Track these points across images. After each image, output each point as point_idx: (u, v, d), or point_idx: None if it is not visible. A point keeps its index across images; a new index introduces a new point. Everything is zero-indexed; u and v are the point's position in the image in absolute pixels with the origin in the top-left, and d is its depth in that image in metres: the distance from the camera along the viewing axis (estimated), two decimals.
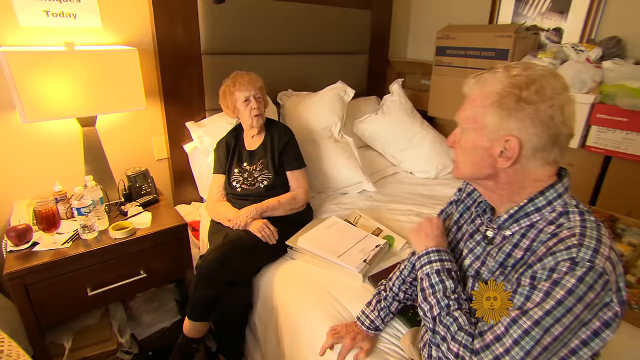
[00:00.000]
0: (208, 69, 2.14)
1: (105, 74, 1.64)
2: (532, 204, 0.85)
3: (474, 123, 0.85)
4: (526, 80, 0.79)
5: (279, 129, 1.91)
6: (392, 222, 1.90)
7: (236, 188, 1.84)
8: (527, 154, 0.82)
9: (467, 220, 1.04)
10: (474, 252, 0.96)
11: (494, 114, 0.82)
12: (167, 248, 1.71)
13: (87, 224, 1.57)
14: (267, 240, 1.64)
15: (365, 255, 1.56)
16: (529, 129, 0.79)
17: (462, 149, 0.90)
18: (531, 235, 0.84)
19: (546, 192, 0.84)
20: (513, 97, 0.79)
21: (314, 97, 2.35)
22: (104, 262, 1.56)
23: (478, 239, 0.97)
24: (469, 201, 1.07)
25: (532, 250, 0.83)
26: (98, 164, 1.82)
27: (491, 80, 0.83)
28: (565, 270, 0.74)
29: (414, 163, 2.50)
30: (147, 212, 1.78)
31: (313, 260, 1.59)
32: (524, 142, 0.80)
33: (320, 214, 2.00)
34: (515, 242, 0.87)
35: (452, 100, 2.53)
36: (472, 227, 1.00)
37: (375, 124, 2.50)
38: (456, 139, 0.92)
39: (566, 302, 0.73)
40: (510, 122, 0.80)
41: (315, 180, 2.19)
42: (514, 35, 2.17)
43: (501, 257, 0.88)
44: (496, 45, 2.24)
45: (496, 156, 0.84)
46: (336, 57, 2.66)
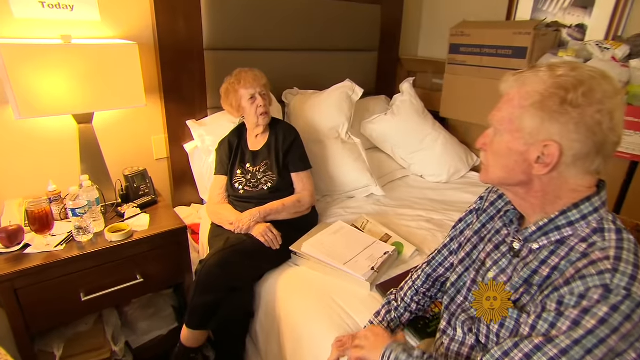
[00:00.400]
0: (210, 65, 2.14)
1: (104, 69, 1.63)
2: (565, 217, 0.82)
3: (510, 124, 0.82)
4: (573, 81, 0.76)
5: (283, 129, 1.91)
6: (401, 228, 1.89)
7: (238, 190, 1.84)
8: (566, 162, 0.79)
9: (490, 231, 1.01)
10: (499, 264, 0.93)
11: (533, 115, 0.79)
12: (166, 252, 1.71)
13: (82, 225, 1.56)
14: (270, 245, 1.64)
15: (373, 262, 1.55)
16: (571, 134, 0.76)
17: (493, 152, 0.87)
18: (561, 252, 0.81)
19: (581, 205, 0.81)
20: (557, 98, 0.76)
21: (321, 96, 2.34)
22: (99, 265, 1.56)
23: (504, 250, 0.94)
24: (492, 211, 1.04)
25: (559, 269, 0.80)
26: (94, 163, 1.82)
27: (533, 79, 0.80)
28: (597, 298, 0.70)
29: (425, 166, 2.50)
30: (144, 214, 1.78)
31: (318, 266, 1.59)
32: (564, 149, 0.77)
33: (325, 218, 2.00)
34: (543, 258, 0.84)
35: (465, 100, 2.52)
36: (498, 238, 0.97)
37: (385, 124, 2.50)
38: (487, 141, 0.89)
39: (598, 331, 0.69)
40: (552, 125, 0.77)
41: (321, 183, 2.19)
42: (533, 33, 2.14)
43: (526, 274, 0.86)
44: (513, 43, 2.22)
45: (532, 162, 0.81)
46: (344, 54, 2.65)
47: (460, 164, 2.49)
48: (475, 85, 2.43)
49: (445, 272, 1.18)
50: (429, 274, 1.20)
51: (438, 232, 1.85)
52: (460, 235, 1.13)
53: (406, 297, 1.22)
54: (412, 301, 1.21)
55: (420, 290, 1.21)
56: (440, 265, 1.19)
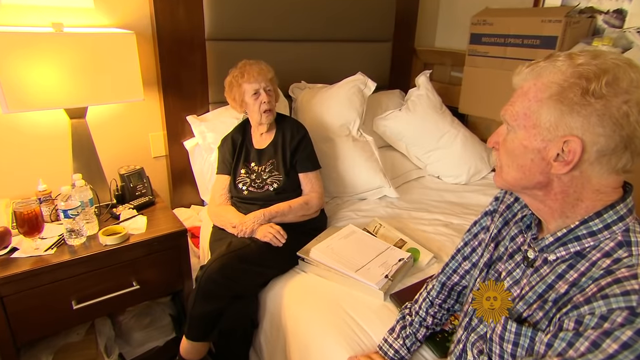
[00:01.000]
0: (212, 57, 2.14)
1: (98, 60, 1.63)
2: (585, 226, 0.79)
3: (525, 119, 0.80)
4: (595, 70, 0.73)
5: (291, 126, 1.91)
6: (417, 233, 1.88)
7: (242, 191, 1.84)
8: (589, 159, 0.76)
9: (505, 237, 0.99)
10: (513, 275, 0.91)
11: (551, 108, 0.76)
12: (164, 257, 1.70)
13: (75, 228, 1.55)
14: (275, 243, 1.64)
15: (386, 270, 1.54)
16: (595, 128, 0.73)
17: (507, 151, 0.84)
18: (581, 267, 0.78)
19: (604, 214, 0.78)
20: (578, 89, 0.73)
21: (330, 90, 2.34)
22: (92, 271, 1.55)
23: (518, 259, 0.92)
24: (508, 214, 1.02)
25: (579, 286, 0.77)
26: (88, 161, 1.82)
27: (550, 70, 0.77)
28: (621, 321, 0.67)
29: (442, 166, 2.49)
30: (141, 216, 1.78)
31: (327, 274, 1.58)
32: (587, 144, 0.74)
33: (335, 221, 2.00)
34: (560, 272, 0.81)
35: (487, 95, 2.50)
36: (513, 246, 0.95)
37: (399, 121, 2.49)
38: (500, 139, 0.86)
39: (620, 356, 0.66)
40: (572, 119, 0.74)
41: (331, 184, 2.19)
42: (564, 20, 2.10)
43: (541, 288, 0.83)
44: (542, 32, 2.18)
45: (550, 160, 0.78)
46: (356, 45, 2.64)
47: (481, 164, 2.47)
48: (498, 79, 2.41)
49: (460, 279, 1.16)
50: (443, 282, 1.19)
51: (457, 238, 1.83)
52: (473, 239, 1.11)
53: (421, 310, 1.20)
54: (428, 314, 1.19)
55: (435, 301, 1.19)
56: (455, 272, 1.17)
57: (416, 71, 2.89)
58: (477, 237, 1.09)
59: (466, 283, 1.15)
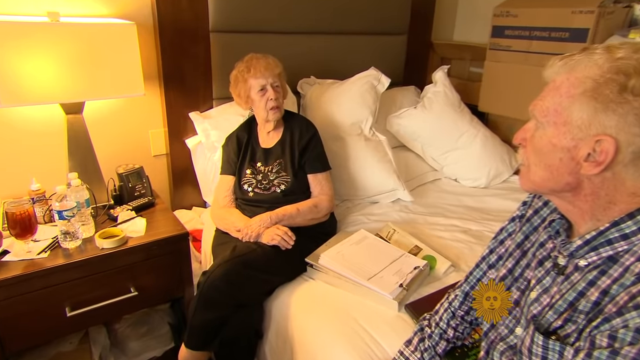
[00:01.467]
0: (217, 50, 2.14)
1: (96, 52, 1.63)
2: (617, 229, 0.77)
3: (556, 116, 0.78)
4: (636, 65, 0.71)
5: (300, 124, 1.91)
6: (433, 240, 1.88)
7: (248, 192, 1.84)
8: (624, 160, 0.74)
9: (534, 244, 0.98)
10: (542, 283, 0.90)
11: (584, 105, 0.75)
12: (163, 261, 1.71)
13: (70, 230, 1.55)
14: (283, 246, 1.65)
15: (401, 278, 1.54)
16: (632, 127, 0.72)
17: (534, 149, 0.83)
18: (614, 272, 0.77)
19: (637, 215, 0.76)
20: (615, 85, 0.72)
21: (341, 86, 2.34)
22: (87, 276, 1.55)
23: (548, 266, 0.91)
24: (536, 220, 1.00)
25: (610, 295, 0.75)
26: (84, 159, 1.82)
27: (585, 63, 0.76)
28: None
29: (460, 168, 2.48)
30: (140, 218, 1.78)
31: (337, 281, 1.58)
32: (622, 145, 0.73)
33: (345, 226, 2.00)
34: (592, 278, 0.79)
35: (509, 92, 2.48)
36: (543, 252, 0.94)
37: (414, 119, 2.48)
38: (527, 136, 0.85)
39: None
40: (607, 117, 0.73)
41: (341, 186, 2.18)
42: (597, 10, 2.07)
43: (571, 296, 0.81)
44: (572, 24, 2.16)
45: (581, 160, 0.77)
46: (368, 38, 2.64)
47: (502, 166, 2.46)
48: (522, 75, 2.40)
49: None
50: (466, 292, 1.17)
51: (476, 245, 1.82)
52: (499, 246, 1.10)
53: (442, 321, 1.18)
54: (449, 326, 1.17)
55: (457, 313, 1.18)
56: (479, 281, 1.15)
57: (433, 66, 2.88)
58: (504, 244, 1.08)
59: None
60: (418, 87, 2.81)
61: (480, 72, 2.69)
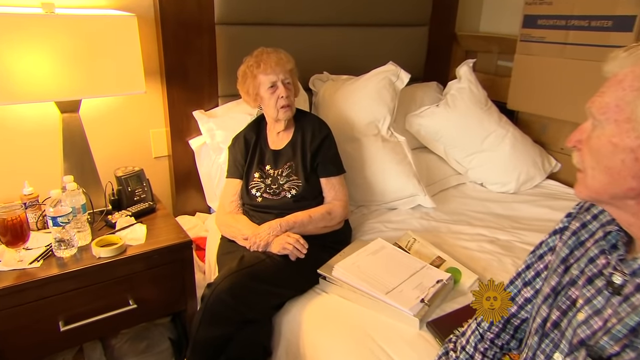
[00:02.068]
0: (223, 43, 2.15)
1: (94, 46, 1.63)
2: None
3: (617, 112, 0.76)
4: None
5: (312, 124, 1.91)
6: (457, 250, 1.87)
7: (256, 197, 1.84)
8: None
9: (580, 259, 0.95)
10: (593, 303, 0.87)
11: None
12: (165, 272, 1.71)
13: (64, 237, 1.55)
14: (295, 255, 1.64)
15: (422, 292, 1.53)
16: None
17: (592, 151, 0.81)
18: None
19: None
20: None
21: (357, 83, 2.34)
22: (83, 287, 1.56)
23: (600, 285, 0.88)
24: (584, 234, 0.98)
25: None
26: (80, 161, 1.83)
27: None
28: None
29: (487, 172, 2.47)
30: (140, 225, 1.78)
31: (352, 295, 1.57)
32: None
33: (361, 234, 2.00)
34: None
35: (542, 88, 2.46)
36: (593, 269, 0.91)
37: (436, 118, 2.48)
38: (583, 137, 0.83)
39: None
40: None
41: (356, 191, 2.18)
42: None
43: (633, 320, 0.78)
44: (615, 11, 2.12)
45: None
46: (386, 30, 2.64)
47: (534, 170, 2.44)
48: (557, 69, 2.38)
49: (519, 310, 1.12)
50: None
51: (505, 257, 1.80)
52: (538, 262, 1.07)
53: (469, 345, 1.16)
54: (477, 351, 1.15)
55: (486, 335, 1.15)
56: (512, 300, 1.12)
57: (457, 60, 2.88)
58: (543, 260, 1.05)
59: (526, 315, 1.10)
60: (440, 83, 2.80)
61: (510, 66, 2.68)
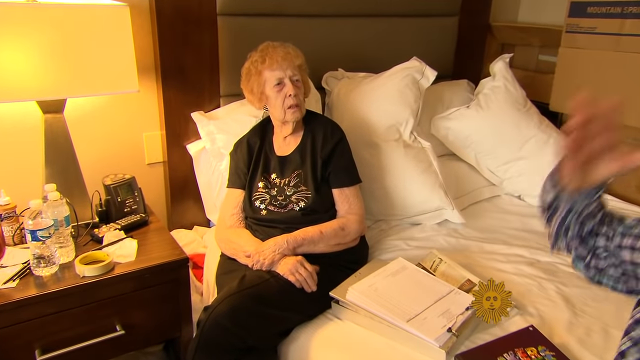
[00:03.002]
0: (225, 37, 2.16)
1: (82, 39, 1.64)
2: None
3: None
4: None
5: (324, 127, 1.91)
6: (491, 273, 1.83)
7: (260, 210, 1.84)
8: None
9: None
10: None
11: None
12: (157, 293, 1.71)
13: (44, 254, 1.56)
14: (303, 287, 1.62)
15: (449, 321, 1.51)
16: None
17: None
18: None
19: None
20: None
21: (376, 81, 2.35)
22: (64, 311, 1.55)
23: None
24: None
25: None
26: (64, 168, 1.83)
27: None
28: None
29: (526, 183, 2.46)
30: (130, 239, 1.79)
31: (369, 323, 1.56)
32: None
33: (379, 253, 1.99)
34: None
35: (592, 86, 2.42)
36: None
37: (466, 121, 2.48)
38: None
39: None
40: None
41: (374, 203, 2.18)
42: None
43: None
44: None
45: None
46: (410, 21, 2.64)
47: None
48: (611, 64, 2.36)
49: None
50: None
51: (548, 282, 1.78)
52: None
53: None
54: None
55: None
56: None
57: (491, 55, 2.89)
58: None
59: None
60: (472, 81, 2.81)
61: (553, 61, 2.67)
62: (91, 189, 1.91)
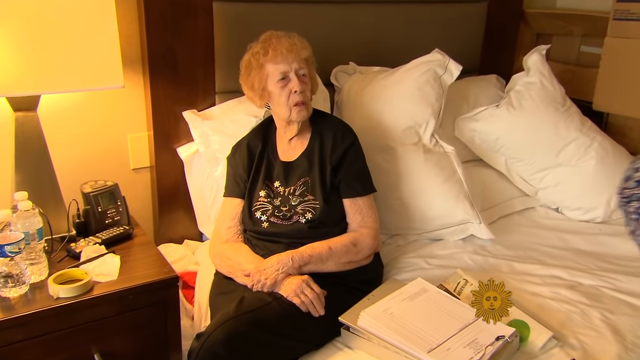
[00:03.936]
0: (222, 26, 2.17)
1: (58, 27, 1.65)
2: None
3: None
4: None
5: (333, 129, 1.92)
6: (524, 297, 1.83)
7: (261, 222, 1.84)
8: None
9: None
10: None
11: None
12: (142, 317, 1.71)
13: (13, 272, 1.55)
14: (309, 311, 1.61)
15: (477, 352, 1.48)
16: None
17: None
18: None
19: None
20: None
21: (392, 77, 2.36)
22: (35, 337, 1.55)
23: None
24: None
25: None
26: (37, 173, 1.84)
27: None
28: None
29: (565, 193, 2.47)
30: (112, 255, 1.79)
31: (384, 353, 1.54)
32: None
33: (395, 272, 2.00)
34: None
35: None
36: None
37: (496, 122, 2.48)
38: None
39: None
40: None
41: (390, 216, 2.19)
42: None
43: None
44: None
45: None
46: (432, 7, 2.68)
47: None
48: None
49: None
50: None
51: (591, 309, 1.75)
52: None
53: None
54: None
55: None
56: None
57: (524, 46, 2.91)
58: None
59: None
60: (502, 76, 2.82)
61: (598, 53, 2.68)
62: (68, 197, 1.91)
